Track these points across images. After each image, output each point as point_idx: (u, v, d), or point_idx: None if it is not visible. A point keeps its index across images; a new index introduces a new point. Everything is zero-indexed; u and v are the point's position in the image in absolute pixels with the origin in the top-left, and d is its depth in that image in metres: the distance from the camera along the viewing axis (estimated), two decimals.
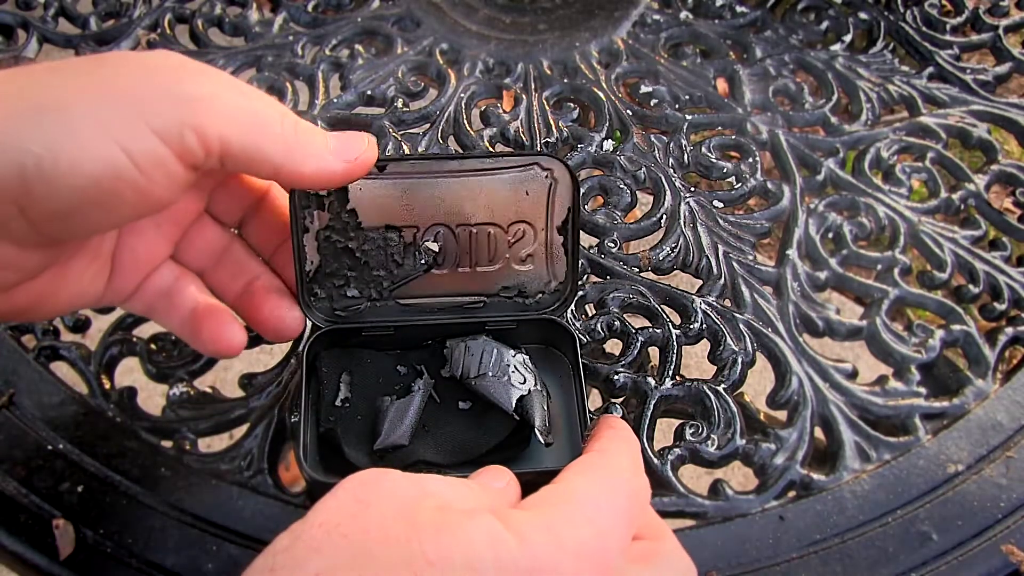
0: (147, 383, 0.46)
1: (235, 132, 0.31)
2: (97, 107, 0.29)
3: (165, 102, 0.30)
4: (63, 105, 0.29)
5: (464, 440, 0.40)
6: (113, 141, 0.29)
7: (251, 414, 0.44)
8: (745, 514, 0.41)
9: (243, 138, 0.32)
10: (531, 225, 0.42)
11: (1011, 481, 0.43)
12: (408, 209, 0.42)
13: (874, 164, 0.57)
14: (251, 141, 0.32)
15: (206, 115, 0.30)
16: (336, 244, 0.42)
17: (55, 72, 0.30)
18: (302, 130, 0.34)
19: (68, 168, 0.28)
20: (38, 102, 0.29)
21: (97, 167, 0.29)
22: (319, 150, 0.34)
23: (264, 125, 0.32)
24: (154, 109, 0.30)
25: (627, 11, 0.67)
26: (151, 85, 0.30)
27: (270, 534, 0.39)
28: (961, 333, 0.48)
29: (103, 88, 0.29)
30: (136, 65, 0.31)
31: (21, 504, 0.40)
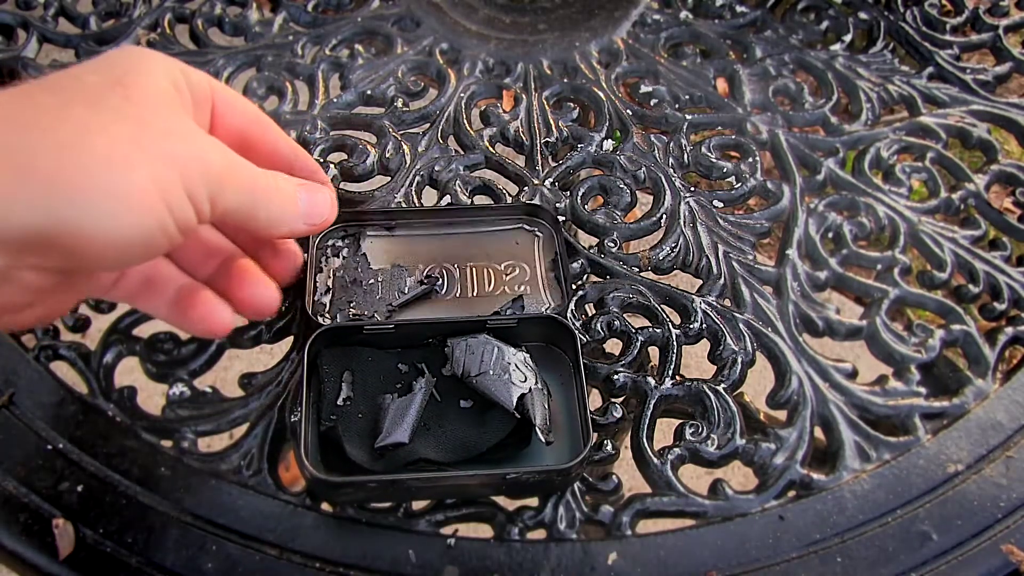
0: (147, 383, 0.46)
1: (240, 200, 0.34)
2: (143, 169, 0.30)
3: (195, 168, 0.31)
4: (113, 163, 0.29)
5: (465, 438, 0.40)
6: (165, 208, 0.30)
7: (251, 414, 0.44)
8: (745, 514, 0.41)
9: (240, 204, 0.34)
10: (524, 264, 0.48)
11: (1011, 481, 0.43)
12: (413, 254, 0.49)
13: (874, 164, 0.57)
14: (247, 207, 0.35)
15: (222, 183, 0.33)
16: (346, 279, 0.47)
17: (94, 108, 0.30)
18: (277, 193, 0.36)
19: (113, 233, 0.30)
20: (86, 160, 0.29)
21: (142, 233, 0.30)
22: (292, 217, 0.37)
23: (260, 193, 0.35)
24: (190, 176, 0.31)
25: (627, 11, 0.67)
26: (185, 144, 0.32)
27: (270, 534, 0.40)
28: (961, 333, 0.48)
29: (147, 146, 0.30)
30: (163, 108, 0.32)
31: (21, 504, 0.40)
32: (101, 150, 0.29)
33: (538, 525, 0.41)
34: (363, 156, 0.55)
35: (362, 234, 0.49)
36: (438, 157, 0.56)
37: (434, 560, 0.39)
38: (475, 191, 0.54)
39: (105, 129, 0.29)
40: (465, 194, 0.54)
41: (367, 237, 0.49)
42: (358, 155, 0.55)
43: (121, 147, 0.29)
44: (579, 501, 0.41)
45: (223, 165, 0.33)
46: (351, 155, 0.56)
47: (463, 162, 0.56)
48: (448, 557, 0.39)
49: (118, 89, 0.31)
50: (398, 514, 0.41)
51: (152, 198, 0.30)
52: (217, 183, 0.32)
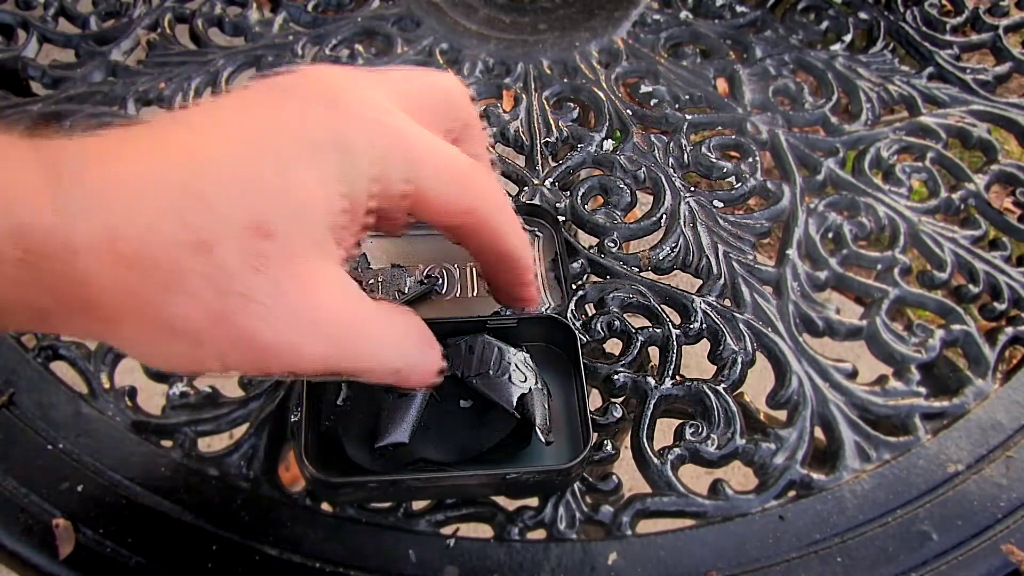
0: (147, 383, 0.46)
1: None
2: (219, 343, 0.28)
3: (286, 364, 0.29)
4: (194, 334, 0.28)
5: (465, 438, 0.40)
6: (223, 368, 0.29)
7: (251, 414, 0.44)
8: (745, 514, 0.41)
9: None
10: None
11: (1011, 481, 0.43)
12: (413, 254, 0.48)
13: (874, 164, 0.57)
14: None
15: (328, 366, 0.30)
16: None
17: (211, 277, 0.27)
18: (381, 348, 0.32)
19: (168, 367, 0.31)
20: (173, 324, 0.27)
21: (193, 372, 0.31)
22: (386, 373, 0.33)
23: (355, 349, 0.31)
24: (259, 357, 0.29)
25: (627, 11, 0.67)
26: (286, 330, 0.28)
27: (270, 534, 0.40)
28: (961, 333, 0.48)
29: (230, 324, 0.28)
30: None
31: (21, 504, 0.40)
32: (172, 315, 0.27)
33: (538, 525, 0.41)
34: None
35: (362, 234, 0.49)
36: None
37: (434, 560, 0.39)
38: None
39: (193, 292, 0.27)
40: None
41: (366, 237, 0.49)
42: None
43: (195, 317, 0.27)
44: (579, 501, 0.41)
45: (315, 357, 0.29)
46: None
47: None
48: (448, 557, 0.39)
49: (253, 233, 0.27)
50: (398, 514, 0.41)
51: (206, 367, 0.28)
52: (302, 369, 0.29)
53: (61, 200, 0.25)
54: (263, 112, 0.29)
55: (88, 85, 0.60)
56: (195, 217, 0.26)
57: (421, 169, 0.30)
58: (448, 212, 0.32)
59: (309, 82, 0.30)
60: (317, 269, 0.29)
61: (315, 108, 0.29)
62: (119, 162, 0.26)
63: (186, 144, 0.27)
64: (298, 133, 0.28)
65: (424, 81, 0.34)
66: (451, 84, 0.35)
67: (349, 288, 0.30)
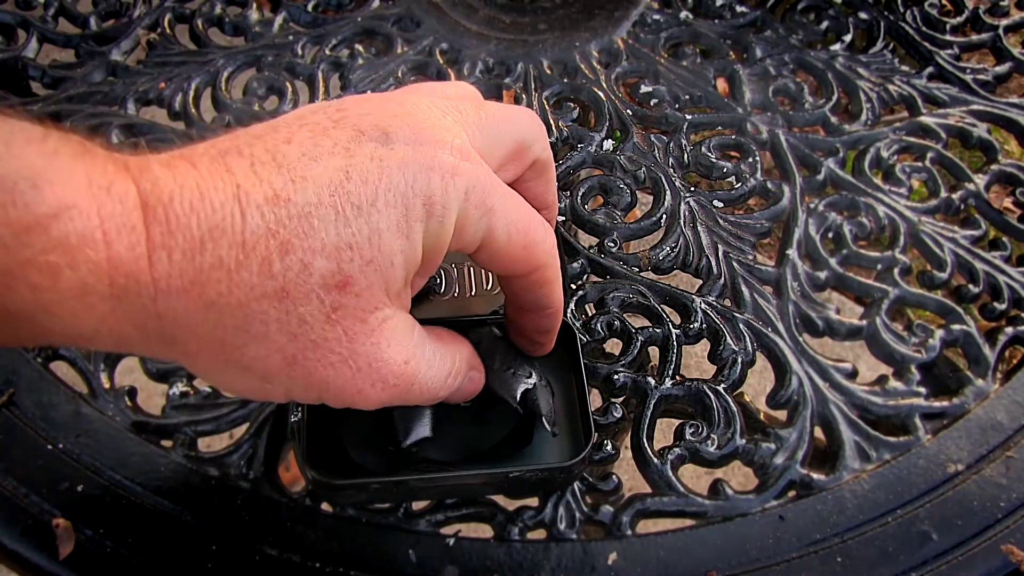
0: (147, 383, 0.46)
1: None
2: (290, 383, 0.29)
3: (338, 394, 0.30)
4: (263, 375, 0.29)
5: (466, 438, 0.40)
6: (287, 399, 0.31)
7: (251, 414, 0.44)
8: (745, 514, 0.41)
9: None
10: None
11: (1011, 481, 0.43)
12: None
13: (874, 164, 0.57)
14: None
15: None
16: None
17: (283, 319, 0.28)
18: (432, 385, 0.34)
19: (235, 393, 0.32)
20: (248, 366, 0.29)
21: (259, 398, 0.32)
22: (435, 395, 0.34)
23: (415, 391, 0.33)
24: (328, 395, 0.31)
25: (627, 11, 0.67)
26: (349, 374, 0.30)
27: (270, 534, 0.40)
28: (961, 333, 0.48)
29: (301, 369, 0.29)
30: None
31: (21, 504, 0.40)
32: (248, 358, 0.28)
33: (538, 525, 0.41)
34: None
35: None
36: None
37: (434, 560, 0.39)
38: None
39: (269, 339, 0.28)
40: None
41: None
42: None
43: (270, 361, 0.28)
44: (579, 501, 0.41)
45: (376, 399, 0.31)
46: None
47: None
48: (448, 557, 0.39)
49: (331, 283, 0.28)
50: (398, 514, 0.41)
51: (273, 398, 0.30)
52: (362, 406, 0.31)
53: (155, 240, 0.26)
54: (346, 150, 0.29)
55: (88, 85, 0.60)
56: (278, 266, 0.27)
57: (494, 220, 0.31)
58: (511, 263, 0.33)
59: (390, 117, 0.30)
60: (387, 319, 0.30)
61: (397, 150, 0.29)
62: (206, 202, 0.27)
63: (274, 186, 0.27)
64: (383, 180, 0.28)
65: (500, 116, 0.34)
66: (528, 123, 0.35)
67: (412, 335, 0.31)
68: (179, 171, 0.27)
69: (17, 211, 0.24)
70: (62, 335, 0.27)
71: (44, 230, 0.24)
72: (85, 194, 0.25)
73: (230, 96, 0.60)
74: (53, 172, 0.25)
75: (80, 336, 0.27)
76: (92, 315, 0.26)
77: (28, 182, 0.24)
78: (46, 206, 0.24)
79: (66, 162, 0.25)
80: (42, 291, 0.25)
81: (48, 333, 0.26)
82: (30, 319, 0.25)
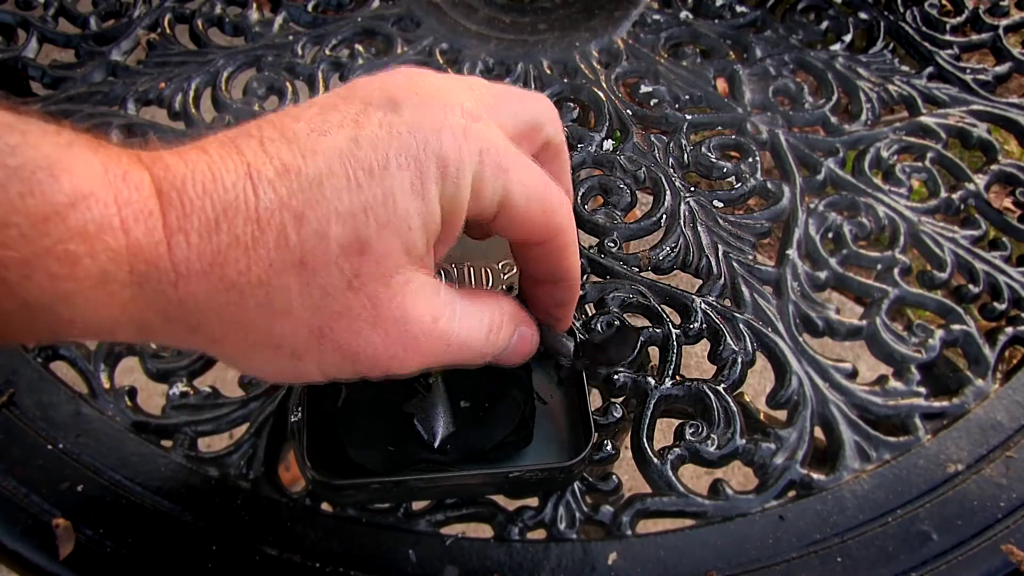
0: (147, 383, 0.46)
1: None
2: (321, 355, 0.29)
3: (384, 363, 0.30)
4: (292, 349, 0.29)
5: (467, 438, 0.40)
6: (324, 376, 0.30)
7: (251, 414, 0.44)
8: (745, 514, 0.41)
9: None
10: None
11: (1011, 481, 0.43)
12: None
13: (874, 164, 0.57)
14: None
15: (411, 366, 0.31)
16: None
17: (304, 287, 0.28)
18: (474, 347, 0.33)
19: (268, 376, 0.31)
20: (275, 342, 0.28)
21: (294, 380, 0.31)
22: (481, 356, 0.34)
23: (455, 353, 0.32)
24: (361, 365, 0.30)
25: (627, 11, 0.67)
26: (383, 340, 0.30)
27: (270, 534, 0.40)
28: (961, 333, 0.48)
29: (331, 339, 0.29)
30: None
31: (21, 504, 0.40)
32: (274, 335, 0.28)
33: (538, 525, 0.41)
34: None
35: None
36: None
37: (434, 560, 0.39)
38: None
39: (293, 313, 0.28)
40: None
41: None
42: None
43: (298, 336, 0.28)
44: (579, 501, 0.41)
45: (412, 362, 0.30)
46: None
47: None
48: (448, 557, 0.39)
49: (350, 249, 0.28)
50: (398, 514, 0.41)
51: (308, 376, 0.30)
52: (397, 373, 0.31)
53: (172, 225, 0.26)
54: (355, 122, 0.29)
55: (88, 85, 0.60)
56: (294, 237, 0.27)
57: (510, 183, 0.30)
58: (530, 229, 0.32)
59: (398, 87, 0.30)
60: (409, 281, 0.29)
61: (406, 115, 0.29)
62: (218, 183, 0.27)
63: (284, 160, 0.27)
64: (393, 144, 0.28)
65: (513, 94, 0.34)
66: (541, 105, 0.35)
67: (439, 294, 0.31)
68: (190, 157, 0.27)
69: (35, 200, 0.24)
70: (83, 326, 0.26)
71: (62, 219, 0.24)
72: (101, 182, 0.25)
73: (230, 96, 0.60)
74: (70, 161, 0.25)
75: (100, 327, 0.27)
76: (113, 303, 0.26)
77: (46, 171, 0.24)
78: (64, 195, 0.24)
79: (82, 152, 0.25)
80: (61, 280, 0.25)
81: (68, 325, 0.26)
82: (49, 310, 0.25)
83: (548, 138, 0.35)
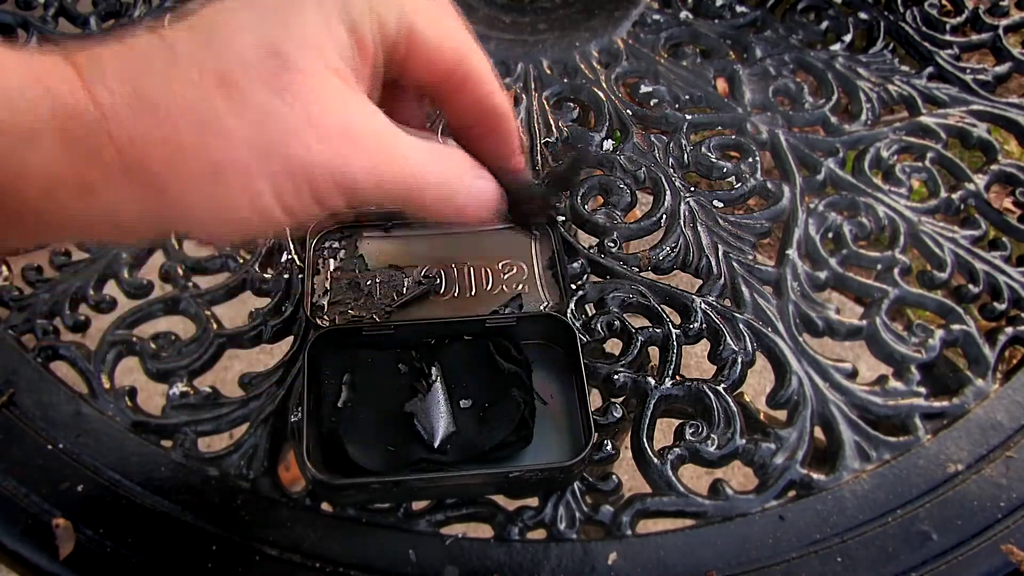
0: (147, 383, 0.46)
1: (386, 198, 0.32)
2: (260, 182, 0.29)
3: (329, 178, 0.30)
4: (222, 175, 0.28)
5: (467, 438, 0.40)
6: (282, 214, 0.29)
7: (251, 414, 0.44)
8: (745, 514, 0.41)
9: (386, 201, 0.32)
10: (521, 263, 0.48)
11: (1011, 481, 0.43)
12: (410, 254, 0.49)
13: (874, 164, 0.57)
14: (394, 203, 0.32)
15: (364, 188, 0.31)
16: (344, 281, 0.47)
17: (230, 94, 0.28)
18: (435, 190, 0.33)
19: (230, 225, 0.30)
20: (217, 163, 0.28)
21: (254, 232, 0.30)
22: (446, 213, 0.33)
23: (414, 192, 0.32)
24: (320, 185, 0.29)
25: (627, 11, 0.67)
26: (324, 150, 0.29)
27: (270, 534, 0.40)
28: (961, 333, 0.48)
29: (273, 153, 0.29)
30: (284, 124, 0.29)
31: (21, 504, 0.40)
32: (215, 156, 0.28)
33: (538, 525, 0.41)
34: None
35: (359, 235, 0.49)
36: None
37: (434, 560, 0.39)
38: None
39: (232, 129, 0.28)
40: None
41: (364, 238, 0.49)
42: None
43: (242, 155, 0.28)
44: (579, 501, 0.41)
45: (368, 175, 0.30)
46: None
47: None
48: (448, 557, 0.39)
49: (271, 64, 0.28)
50: (398, 514, 0.41)
51: (264, 206, 0.29)
52: (354, 191, 0.30)
53: (88, 77, 0.27)
54: None
55: None
56: (210, 58, 0.28)
57: (413, 15, 0.32)
58: (440, 59, 0.33)
59: None
60: (341, 93, 0.30)
61: None
62: (127, 39, 0.29)
63: (192, 10, 0.29)
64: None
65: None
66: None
67: (380, 113, 0.31)
68: (100, 40, 0.29)
69: None
70: (14, 193, 0.27)
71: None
72: (15, 58, 0.27)
73: None
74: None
75: (39, 192, 0.27)
76: (45, 158, 0.27)
77: None
78: None
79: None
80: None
81: (13, 196, 0.27)
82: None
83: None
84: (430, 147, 0.33)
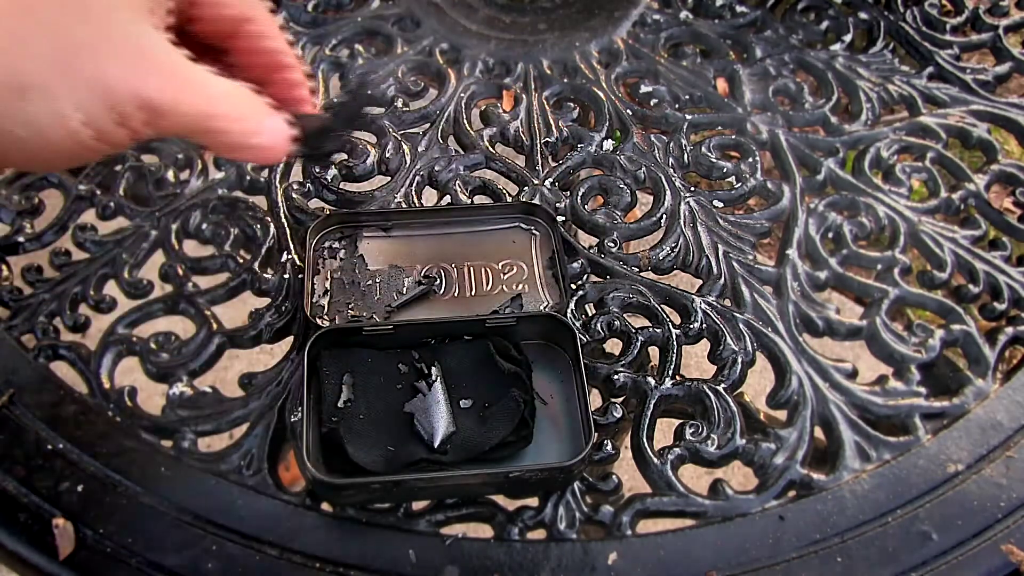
0: (147, 383, 0.46)
1: (186, 126, 0.32)
2: (64, 99, 0.29)
3: (130, 99, 0.30)
4: (29, 91, 0.29)
5: (467, 438, 0.40)
6: (89, 133, 0.30)
7: (251, 414, 0.44)
8: (745, 514, 0.41)
9: (186, 130, 0.32)
10: (521, 263, 0.48)
11: (1011, 481, 0.43)
12: (410, 254, 0.49)
13: (874, 164, 0.57)
14: (194, 133, 0.33)
15: (162, 113, 0.31)
16: (344, 281, 0.47)
17: (32, 12, 0.29)
18: (234, 124, 0.34)
19: (45, 148, 0.30)
20: (21, 81, 0.29)
21: (63, 155, 0.31)
22: (245, 150, 0.34)
23: (212, 122, 0.33)
24: (121, 105, 0.30)
25: (627, 11, 0.67)
26: (124, 69, 0.30)
27: (270, 534, 0.40)
28: (961, 333, 0.48)
29: (76, 70, 0.30)
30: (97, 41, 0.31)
31: (21, 504, 0.40)
32: (20, 78, 0.29)
33: (538, 525, 0.41)
34: (363, 156, 0.55)
35: (359, 235, 0.49)
36: (438, 157, 0.56)
37: (434, 560, 0.39)
38: (475, 191, 0.54)
39: (31, 48, 0.29)
40: (465, 194, 0.54)
41: (363, 238, 0.49)
42: (358, 155, 0.55)
43: (43, 72, 0.29)
44: (579, 501, 0.41)
45: (166, 94, 0.31)
46: (351, 155, 0.56)
47: (463, 162, 0.56)
48: (448, 557, 0.39)
49: (67, 3, 0.30)
50: (398, 514, 0.41)
51: (72, 125, 0.30)
52: (155, 112, 0.31)
53: None
54: None
55: None
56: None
57: None
58: (226, 14, 0.35)
59: None
60: (138, 20, 0.31)
61: None
62: None
63: None
64: None
65: None
66: None
67: (175, 46, 0.32)
68: None
69: None
70: None
71: None
72: None
73: None
74: None
75: None
76: None
77: None
78: None
79: None
80: None
81: None
82: None
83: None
84: (228, 81, 0.34)
